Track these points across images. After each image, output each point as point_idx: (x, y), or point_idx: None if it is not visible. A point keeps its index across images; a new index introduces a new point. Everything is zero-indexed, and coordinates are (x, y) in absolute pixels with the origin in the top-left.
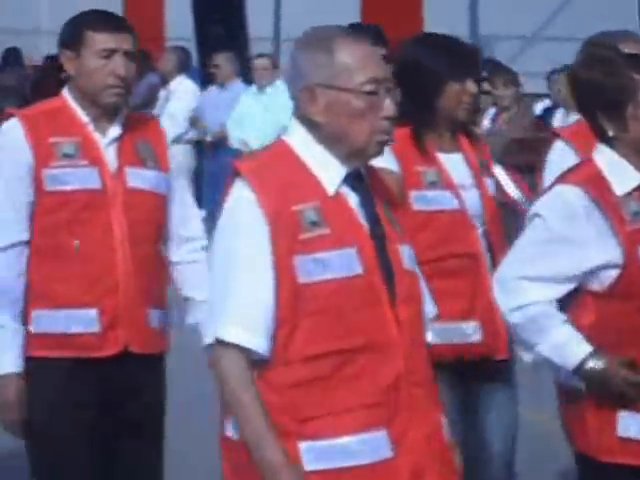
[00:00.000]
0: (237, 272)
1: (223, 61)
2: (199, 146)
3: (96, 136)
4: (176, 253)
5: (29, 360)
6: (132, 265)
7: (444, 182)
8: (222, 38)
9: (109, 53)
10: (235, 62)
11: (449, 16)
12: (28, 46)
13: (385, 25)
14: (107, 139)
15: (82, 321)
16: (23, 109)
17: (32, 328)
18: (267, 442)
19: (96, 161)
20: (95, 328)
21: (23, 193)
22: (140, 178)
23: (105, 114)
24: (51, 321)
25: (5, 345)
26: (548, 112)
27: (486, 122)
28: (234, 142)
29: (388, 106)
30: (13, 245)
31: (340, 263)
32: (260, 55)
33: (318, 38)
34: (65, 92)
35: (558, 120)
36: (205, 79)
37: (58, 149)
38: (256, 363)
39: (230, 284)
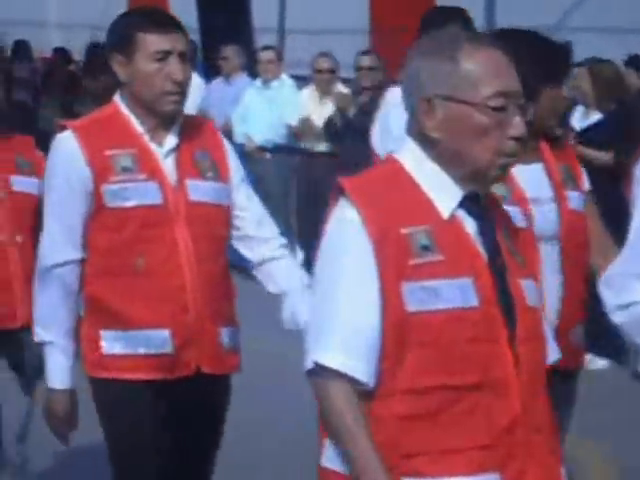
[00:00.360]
0: (341, 295)
1: (232, 53)
2: None
3: (152, 147)
4: (257, 254)
5: (101, 381)
6: (200, 283)
7: (514, 197)
8: (226, 30)
9: (163, 55)
10: (242, 55)
11: (464, 6)
12: (36, 39)
13: (395, 16)
14: (164, 150)
15: (154, 342)
16: (75, 120)
17: (103, 349)
18: (381, 478)
19: (155, 174)
20: (168, 349)
21: (77, 210)
22: (201, 190)
23: (162, 123)
24: (122, 342)
25: (54, 361)
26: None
27: None
28: (238, 137)
29: (517, 124)
30: (64, 263)
31: (453, 293)
32: (265, 47)
33: (441, 43)
34: (117, 99)
35: (577, 119)
36: (208, 72)
37: (116, 162)
38: (360, 393)
39: (333, 307)
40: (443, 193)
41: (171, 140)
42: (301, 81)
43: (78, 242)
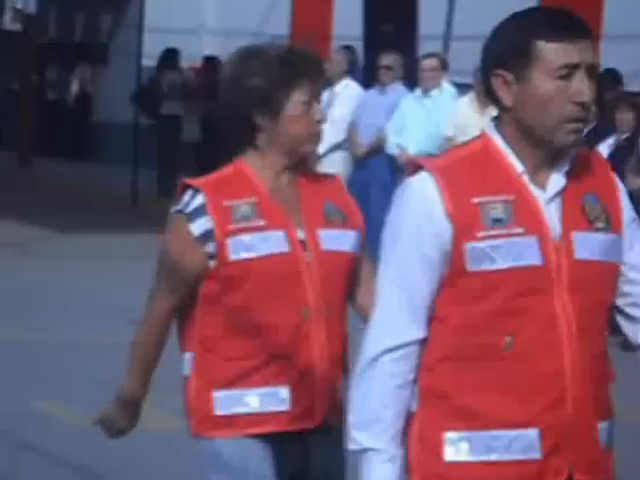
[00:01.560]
0: None
1: (389, 62)
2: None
3: (533, 191)
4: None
5: None
6: (580, 365)
7: None
8: (390, 37)
9: (569, 71)
10: (400, 63)
11: (630, 10)
12: (191, 46)
13: None
14: (547, 195)
15: (517, 446)
16: (432, 160)
17: (445, 455)
18: None
19: (534, 226)
20: (535, 454)
21: (427, 275)
22: (589, 246)
23: (549, 159)
24: (470, 446)
25: (378, 475)
26: None
27: None
28: (391, 148)
29: None
30: (404, 346)
31: None
32: (428, 55)
33: None
34: (490, 131)
35: None
36: (369, 80)
37: (486, 212)
38: None
39: None
40: None
41: (557, 181)
42: (465, 90)
43: (423, 317)
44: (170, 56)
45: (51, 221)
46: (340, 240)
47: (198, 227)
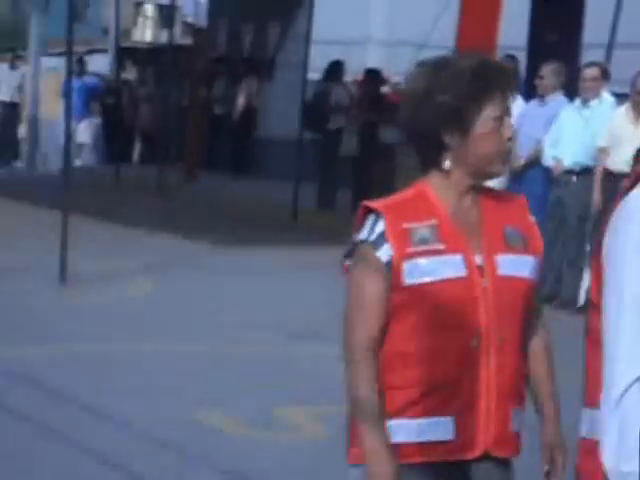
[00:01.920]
0: None
1: (548, 72)
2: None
3: None
4: None
5: None
6: None
7: None
8: (555, 46)
9: None
10: (561, 74)
11: None
12: (355, 58)
13: None
14: None
15: None
16: None
17: None
18: None
19: None
20: None
21: None
22: None
23: None
24: None
25: None
26: None
27: None
28: (547, 160)
29: None
30: None
31: None
32: (590, 64)
33: None
34: None
35: None
36: (530, 91)
37: None
38: None
39: None
40: None
41: None
42: (624, 100)
43: None
44: (336, 69)
45: (213, 235)
46: (518, 265)
47: (384, 253)
